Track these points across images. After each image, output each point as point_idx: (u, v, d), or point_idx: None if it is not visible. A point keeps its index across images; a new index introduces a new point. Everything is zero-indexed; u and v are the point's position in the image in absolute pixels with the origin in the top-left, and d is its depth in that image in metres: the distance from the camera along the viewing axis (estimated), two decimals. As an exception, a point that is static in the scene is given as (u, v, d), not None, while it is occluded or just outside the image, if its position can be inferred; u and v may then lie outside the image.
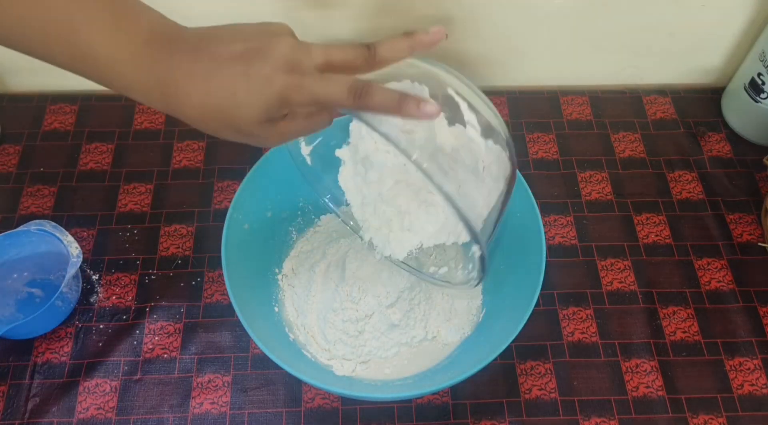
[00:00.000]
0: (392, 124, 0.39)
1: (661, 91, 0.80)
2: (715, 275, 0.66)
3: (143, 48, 0.38)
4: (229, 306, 0.51)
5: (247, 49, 0.37)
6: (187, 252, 0.67)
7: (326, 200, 0.58)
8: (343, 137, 0.50)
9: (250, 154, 0.63)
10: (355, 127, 0.49)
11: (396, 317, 0.58)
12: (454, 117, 0.43)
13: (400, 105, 0.37)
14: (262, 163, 0.58)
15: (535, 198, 0.56)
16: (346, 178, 0.52)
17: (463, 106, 0.43)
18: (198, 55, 0.38)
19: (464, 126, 0.44)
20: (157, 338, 0.62)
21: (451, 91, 0.43)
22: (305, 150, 0.54)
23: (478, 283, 0.50)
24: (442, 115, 0.42)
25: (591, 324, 0.63)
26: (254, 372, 0.60)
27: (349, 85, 0.37)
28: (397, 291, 0.58)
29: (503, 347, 0.49)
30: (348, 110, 0.39)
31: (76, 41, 0.38)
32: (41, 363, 0.60)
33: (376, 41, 0.39)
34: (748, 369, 0.61)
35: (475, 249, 0.44)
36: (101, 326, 0.62)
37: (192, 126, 0.40)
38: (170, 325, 0.63)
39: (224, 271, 0.53)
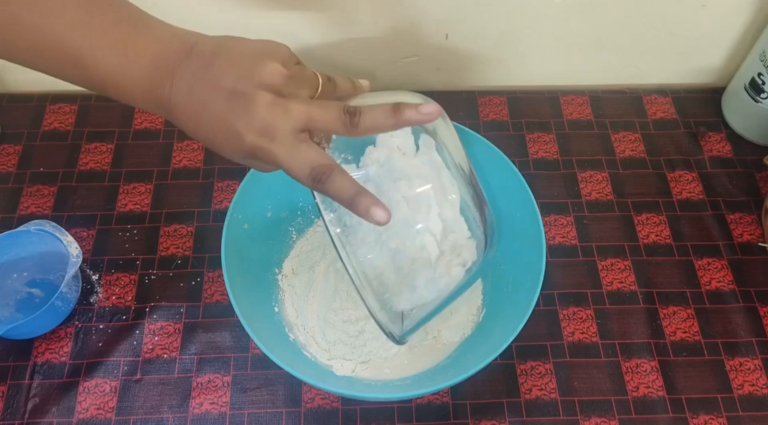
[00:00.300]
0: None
1: (662, 91, 0.80)
2: (715, 275, 0.66)
3: (147, 72, 0.39)
4: (229, 306, 0.51)
5: (233, 92, 0.37)
6: (187, 253, 0.67)
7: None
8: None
9: (250, 154, 0.63)
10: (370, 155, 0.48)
11: (396, 317, 0.58)
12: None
13: (352, 202, 0.37)
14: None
15: (536, 198, 0.56)
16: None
17: (433, 213, 0.43)
18: (194, 84, 0.38)
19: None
20: (156, 338, 0.62)
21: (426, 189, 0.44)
22: None
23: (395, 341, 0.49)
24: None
25: (591, 325, 0.63)
26: (254, 372, 0.60)
27: (312, 166, 0.37)
28: (397, 292, 0.58)
29: (503, 347, 0.49)
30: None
31: (85, 64, 0.39)
32: (41, 364, 0.60)
33: (362, 109, 0.38)
34: (749, 369, 0.61)
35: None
36: (101, 326, 0.62)
37: None
38: (170, 325, 0.62)
39: (224, 271, 0.53)
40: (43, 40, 0.39)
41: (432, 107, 0.38)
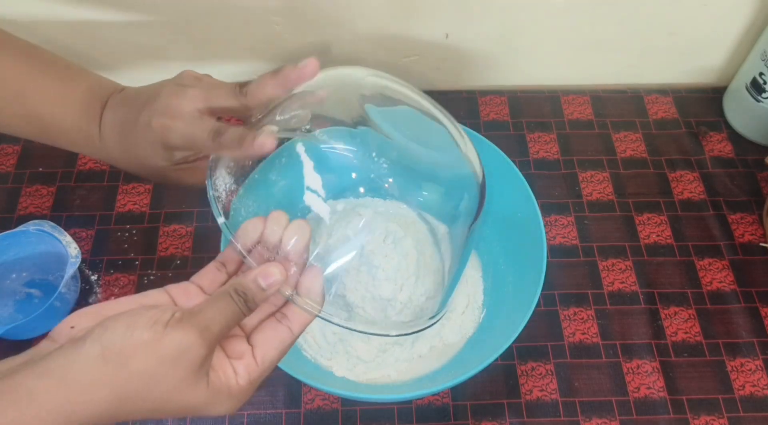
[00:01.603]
0: None
1: (663, 91, 0.80)
2: (716, 275, 0.66)
3: (81, 110, 0.43)
4: (229, 306, 0.51)
5: (149, 97, 0.41)
6: (186, 253, 0.67)
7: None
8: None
9: (250, 154, 0.62)
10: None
11: (396, 318, 0.58)
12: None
13: (242, 142, 0.38)
14: (262, 164, 0.58)
15: (536, 198, 0.56)
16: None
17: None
18: (117, 114, 0.42)
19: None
20: (156, 339, 0.61)
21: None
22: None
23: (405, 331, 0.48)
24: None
25: (592, 325, 0.63)
26: (254, 373, 0.60)
27: (211, 127, 0.39)
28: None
29: (504, 348, 0.49)
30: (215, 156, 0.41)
31: (26, 97, 0.43)
32: (40, 364, 0.60)
33: (252, 80, 0.40)
34: (750, 369, 0.61)
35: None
36: (100, 327, 0.62)
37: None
38: (169, 326, 0.62)
39: (223, 272, 0.52)
40: None
41: (309, 60, 0.40)
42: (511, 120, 0.77)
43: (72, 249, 0.60)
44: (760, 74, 0.70)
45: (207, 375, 0.33)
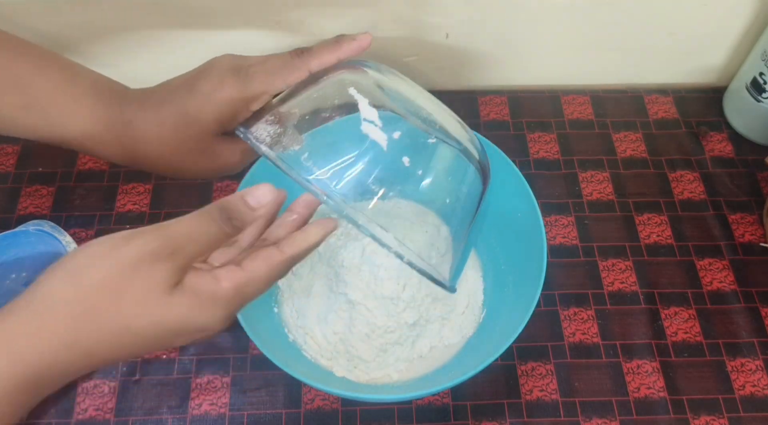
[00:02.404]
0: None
1: (663, 91, 0.80)
2: (716, 275, 0.66)
3: (93, 98, 0.41)
4: (228, 306, 0.51)
5: (189, 76, 0.41)
6: (186, 253, 0.67)
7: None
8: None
9: (250, 154, 0.62)
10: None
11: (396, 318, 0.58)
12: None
13: (339, 42, 0.41)
14: (262, 163, 0.58)
15: (537, 198, 0.56)
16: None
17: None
18: (145, 98, 0.41)
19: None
20: (156, 339, 0.61)
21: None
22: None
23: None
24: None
25: (592, 325, 0.63)
26: (253, 373, 0.60)
27: (290, 53, 0.41)
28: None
29: (504, 348, 0.49)
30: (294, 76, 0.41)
31: (26, 86, 0.40)
32: (39, 364, 0.60)
33: (310, 47, 0.41)
34: (750, 370, 0.61)
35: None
36: (100, 327, 0.62)
37: (151, 170, 0.43)
38: (169, 326, 0.62)
39: (223, 272, 0.52)
40: None
41: (365, 36, 0.43)
42: (511, 120, 0.77)
43: (72, 250, 0.60)
44: (760, 74, 0.70)
45: (182, 284, 0.31)
